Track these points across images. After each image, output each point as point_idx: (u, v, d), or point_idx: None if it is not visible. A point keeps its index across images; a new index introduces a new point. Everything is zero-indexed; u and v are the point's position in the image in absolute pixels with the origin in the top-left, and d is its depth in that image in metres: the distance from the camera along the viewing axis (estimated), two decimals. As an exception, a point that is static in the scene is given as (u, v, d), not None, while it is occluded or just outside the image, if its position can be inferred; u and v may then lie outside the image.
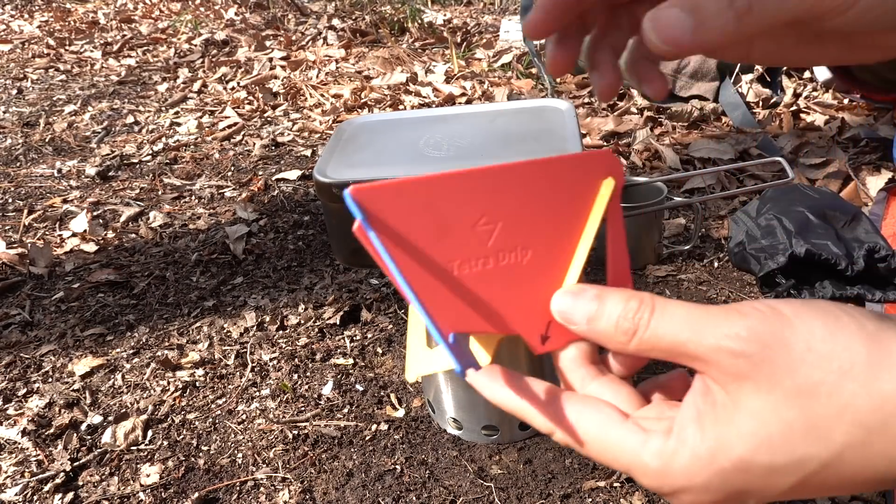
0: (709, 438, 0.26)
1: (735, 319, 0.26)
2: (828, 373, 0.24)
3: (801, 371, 0.25)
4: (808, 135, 1.49)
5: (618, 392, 0.31)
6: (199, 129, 1.90)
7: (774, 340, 0.25)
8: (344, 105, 1.96)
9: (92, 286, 1.19)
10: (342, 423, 0.85)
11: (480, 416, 0.78)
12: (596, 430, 0.28)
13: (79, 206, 1.48)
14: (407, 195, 0.27)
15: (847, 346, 0.25)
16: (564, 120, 0.69)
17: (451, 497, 0.73)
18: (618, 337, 0.29)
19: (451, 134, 0.69)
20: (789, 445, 0.25)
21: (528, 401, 0.30)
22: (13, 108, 2.20)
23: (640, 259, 1.12)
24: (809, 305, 0.26)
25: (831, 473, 0.25)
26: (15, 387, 0.96)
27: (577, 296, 0.31)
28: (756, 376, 0.25)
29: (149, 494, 0.77)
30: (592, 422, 0.28)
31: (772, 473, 0.25)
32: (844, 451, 0.25)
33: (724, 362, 0.26)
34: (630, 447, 0.27)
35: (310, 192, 1.49)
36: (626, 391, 0.31)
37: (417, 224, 0.28)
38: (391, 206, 0.27)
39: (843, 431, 0.24)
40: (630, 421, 0.28)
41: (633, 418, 0.29)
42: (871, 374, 0.24)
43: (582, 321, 0.30)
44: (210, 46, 2.70)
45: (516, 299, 0.31)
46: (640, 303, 0.28)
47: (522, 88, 1.98)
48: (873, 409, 0.24)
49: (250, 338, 1.02)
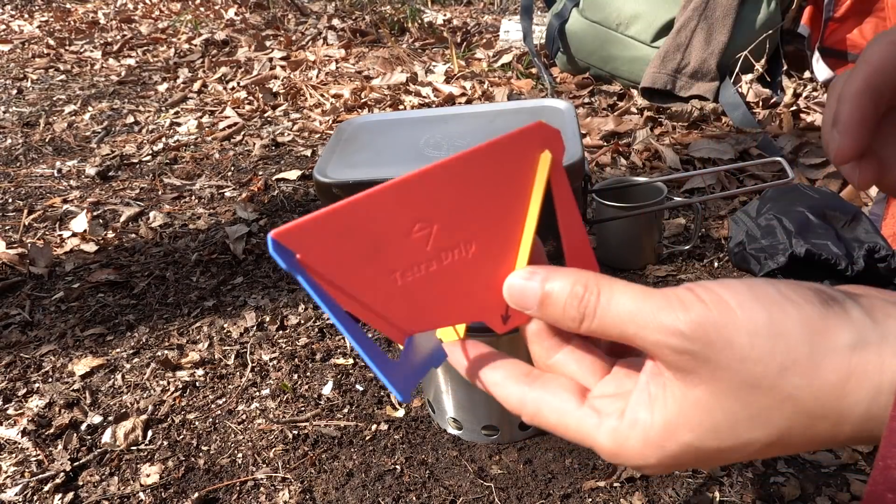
0: (657, 424, 0.28)
1: (678, 312, 0.26)
2: (769, 368, 0.25)
3: (744, 367, 0.26)
4: (808, 135, 1.49)
5: (581, 362, 0.33)
6: (199, 129, 1.90)
7: (717, 337, 0.26)
8: (344, 105, 1.96)
9: (92, 286, 1.19)
10: (342, 423, 0.85)
11: (480, 416, 0.78)
12: (555, 418, 0.31)
13: (79, 206, 1.48)
14: (329, 226, 0.27)
15: (789, 342, 0.25)
16: (564, 120, 0.69)
17: (451, 497, 0.73)
18: (567, 322, 0.30)
19: (451, 134, 0.69)
20: (734, 432, 0.27)
21: (493, 388, 0.34)
22: (13, 108, 2.20)
23: (640, 259, 1.12)
24: (755, 293, 0.26)
25: (777, 448, 0.27)
26: (15, 387, 0.96)
27: (526, 280, 0.32)
28: (700, 371, 0.26)
29: (149, 494, 0.77)
30: (552, 410, 0.31)
31: (720, 452, 0.28)
32: (789, 433, 0.26)
33: (668, 357, 0.27)
34: (586, 431, 0.30)
35: (310, 192, 1.49)
36: (590, 359, 0.33)
37: (347, 250, 0.27)
38: (315, 241, 0.27)
39: (786, 418, 0.26)
40: (586, 405, 0.30)
41: (589, 400, 0.31)
42: (813, 366, 0.25)
43: (533, 306, 0.31)
44: (210, 46, 2.70)
45: (469, 291, 0.32)
46: (584, 289, 0.29)
47: (522, 88, 1.98)
48: (815, 398, 0.25)
49: (250, 338, 1.02)
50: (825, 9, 1.58)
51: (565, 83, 1.94)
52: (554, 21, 1.93)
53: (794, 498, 0.70)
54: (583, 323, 0.29)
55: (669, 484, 0.73)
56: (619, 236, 1.12)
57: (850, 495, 0.70)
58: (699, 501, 0.71)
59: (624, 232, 1.11)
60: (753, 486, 0.72)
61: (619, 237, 1.12)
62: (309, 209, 1.41)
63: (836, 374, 0.25)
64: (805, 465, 0.74)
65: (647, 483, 0.73)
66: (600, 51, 1.83)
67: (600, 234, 1.15)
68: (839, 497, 0.70)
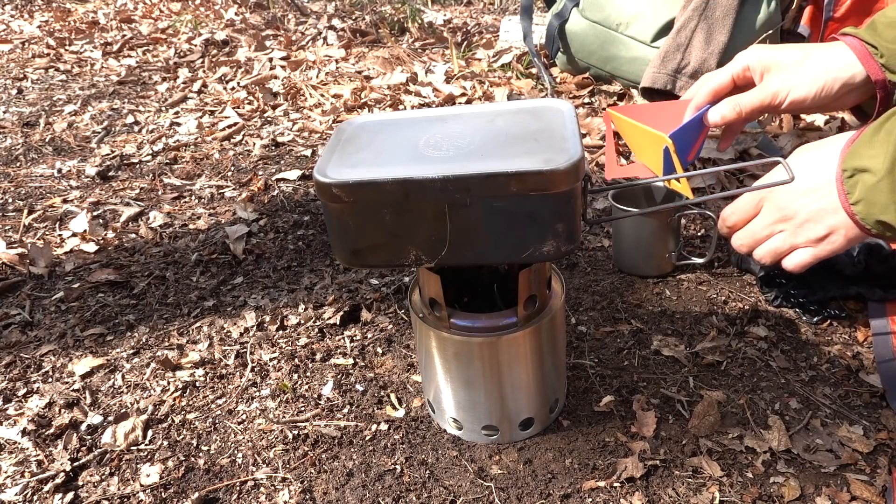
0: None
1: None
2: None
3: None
4: (808, 135, 1.49)
5: None
6: (199, 129, 1.90)
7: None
8: (344, 105, 1.96)
9: (92, 286, 1.19)
10: (342, 423, 0.85)
11: (480, 416, 0.78)
12: None
13: (79, 206, 1.48)
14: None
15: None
16: (564, 120, 0.69)
17: (451, 497, 0.73)
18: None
19: (451, 134, 0.69)
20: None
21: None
22: (13, 108, 2.20)
23: (651, 268, 1.07)
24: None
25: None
26: (15, 387, 0.96)
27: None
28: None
29: (149, 494, 0.77)
30: None
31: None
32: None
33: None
34: None
35: (310, 192, 1.49)
36: None
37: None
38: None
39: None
40: None
41: None
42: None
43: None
44: (210, 46, 2.70)
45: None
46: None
47: (522, 88, 1.98)
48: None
49: (250, 338, 1.02)
50: (825, 9, 1.57)
51: (565, 83, 1.94)
52: (554, 21, 1.93)
53: (794, 498, 0.70)
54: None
55: (669, 484, 0.73)
56: (630, 243, 1.08)
57: (850, 495, 0.70)
58: (699, 501, 0.71)
59: (637, 238, 1.06)
60: (753, 486, 0.72)
61: (630, 243, 1.08)
62: (309, 209, 1.41)
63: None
64: (805, 465, 0.74)
65: (647, 483, 0.73)
66: (600, 51, 1.83)
67: (614, 239, 1.11)
68: (839, 497, 0.70)
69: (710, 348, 0.92)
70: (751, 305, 1.00)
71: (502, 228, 0.62)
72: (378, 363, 0.95)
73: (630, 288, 1.07)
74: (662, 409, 0.83)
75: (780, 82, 0.70)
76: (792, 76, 0.70)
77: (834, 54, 0.69)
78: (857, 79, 0.68)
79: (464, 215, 0.61)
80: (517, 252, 0.63)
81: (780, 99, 0.71)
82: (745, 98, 0.73)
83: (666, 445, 0.78)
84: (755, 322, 0.96)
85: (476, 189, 0.60)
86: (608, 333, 0.97)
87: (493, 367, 0.74)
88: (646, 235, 1.05)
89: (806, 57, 0.70)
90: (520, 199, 0.60)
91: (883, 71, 0.67)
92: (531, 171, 0.59)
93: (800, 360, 0.89)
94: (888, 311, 0.94)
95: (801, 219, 0.63)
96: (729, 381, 0.87)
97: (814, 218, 0.62)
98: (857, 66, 0.68)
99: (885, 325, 0.92)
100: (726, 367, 0.89)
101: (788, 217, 0.63)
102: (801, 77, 0.69)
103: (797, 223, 0.63)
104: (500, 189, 0.59)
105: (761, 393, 0.84)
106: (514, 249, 0.63)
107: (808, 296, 0.98)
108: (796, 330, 0.95)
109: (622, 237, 1.09)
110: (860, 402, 0.82)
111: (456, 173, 0.59)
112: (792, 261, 0.65)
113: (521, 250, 0.63)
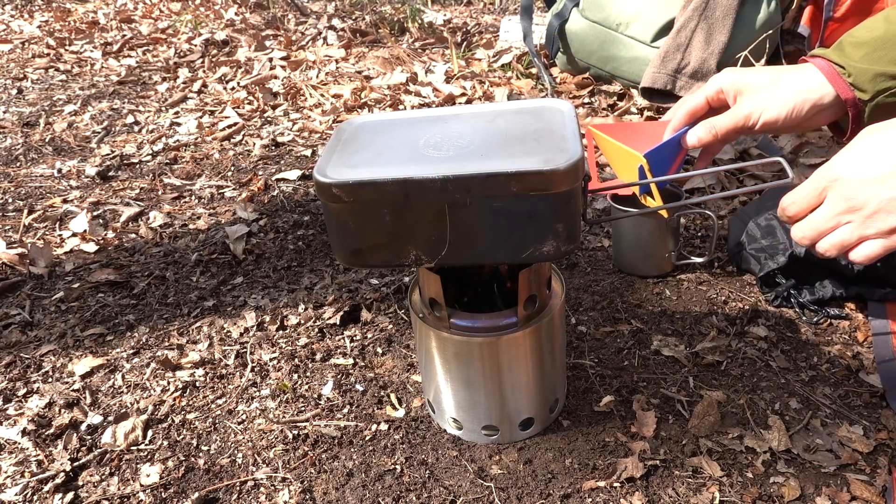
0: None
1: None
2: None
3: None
4: (808, 135, 1.49)
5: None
6: (199, 129, 1.90)
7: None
8: (344, 105, 1.96)
9: (92, 286, 1.19)
10: (342, 423, 0.85)
11: (480, 416, 0.78)
12: None
13: (79, 206, 1.48)
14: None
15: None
16: (564, 120, 0.69)
17: (451, 497, 0.73)
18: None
19: (451, 134, 0.69)
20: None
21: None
22: (13, 108, 2.20)
23: (651, 268, 1.08)
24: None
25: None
26: (15, 387, 0.96)
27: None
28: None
29: (149, 494, 0.77)
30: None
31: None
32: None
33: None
34: None
35: (310, 192, 1.49)
36: None
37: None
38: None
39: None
40: None
41: None
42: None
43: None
44: (210, 46, 2.70)
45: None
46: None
47: (522, 88, 1.98)
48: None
49: (250, 338, 1.02)
50: (825, 9, 1.57)
51: (565, 83, 1.94)
52: (554, 21, 1.93)
53: (794, 498, 0.70)
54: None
55: (669, 484, 0.73)
56: (630, 243, 1.08)
57: (850, 495, 0.70)
58: (699, 501, 0.71)
59: (637, 238, 1.06)
60: (753, 486, 0.72)
61: (630, 243, 1.08)
62: (309, 209, 1.41)
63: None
64: (805, 465, 0.74)
65: (647, 483, 0.73)
66: (600, 51, 1.83)
67: (614, 239, 1.12)
68: (839, 497, 0.70)
69: (710, 348, 0.92)
70: (751, 305, 1.00)
71: (502, 228, 0.62)
72: (378, 363, 0.95)
73: (630, 288, 1.07)
74: (662, 409, 0.83)
75: (752, 104, 0.72)
76: (763, 98, 0.71)
77: (803, 76, 0.71)
78: (825, 99, 0.70)
79: (464, 215, 0.61)
80: (517, 252, 0.63)
81: (754, 120, 0.72)
82: (719, 121, 0.75)
83: (666, 445, 0.78)
84: (755, 322, 0.96)
85: (476, 189, 0.60)
86: (608, 333, 0.97)
87: (493, 367, 0.74)
88: (645, 235, 1.05)
89: (777, 79, 0.72)
90: (520, 199, 0.60)
91: (852, 90, 0.68)
92: (531, 171, 0.59)
93: (800, 360, 0.89)
94: (888, 311, 0.94)
95: (871, 209, 0.58)
96: (729, 381, 0.87)
97: (885, 208, 0.57)
98: (827, 87, 0.69)
99: (885, 325, 0.92)
100: (726, 367, 0.89)
101: (857, 207, 0.59)
102: (772, 99, 0.71)
103: (866, 214, 0.59)
104: (500, 189, 0.59)
105: (761, 393, 0.84)
106: (514, 249, 0.63)
107: (808, 296, 0.98)
108: (796, 330, 0.95)
109: (622, 237, 1.09)
110: (860, 402, 0.82)
111: (456, 173, 0.59)
112: (860, 253, 0.61)
113: (521, 250, 0.63)
